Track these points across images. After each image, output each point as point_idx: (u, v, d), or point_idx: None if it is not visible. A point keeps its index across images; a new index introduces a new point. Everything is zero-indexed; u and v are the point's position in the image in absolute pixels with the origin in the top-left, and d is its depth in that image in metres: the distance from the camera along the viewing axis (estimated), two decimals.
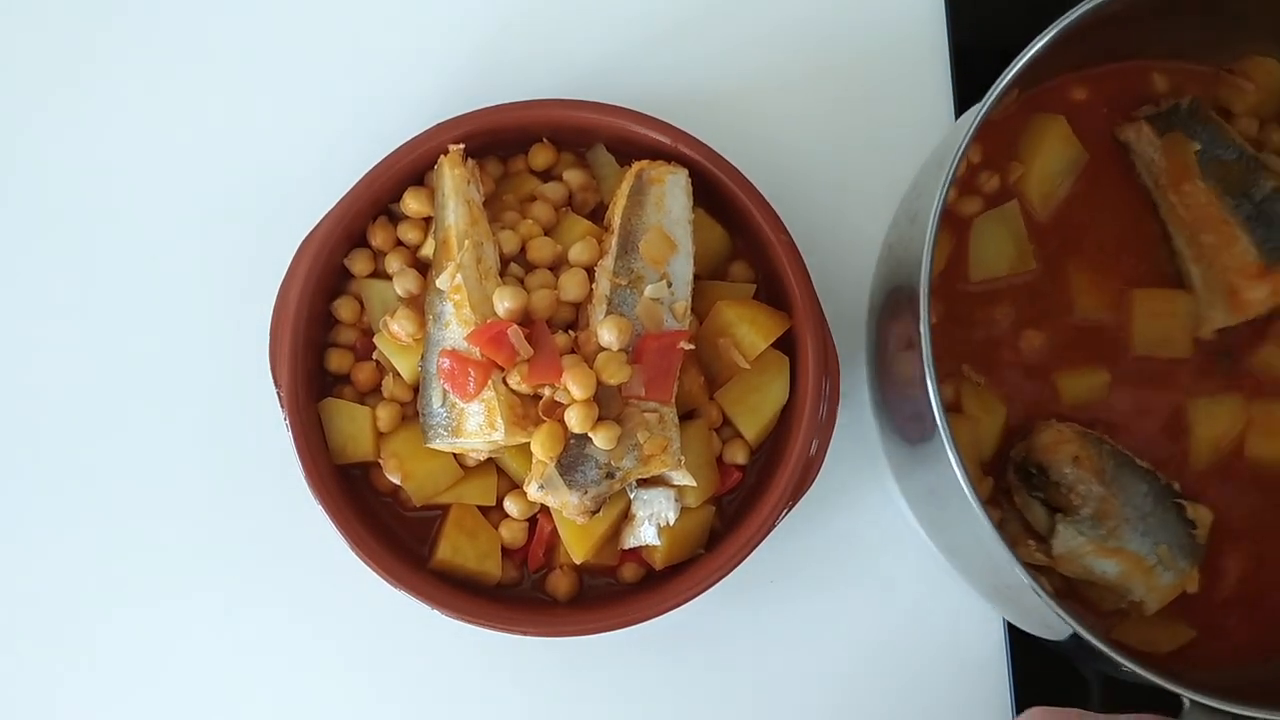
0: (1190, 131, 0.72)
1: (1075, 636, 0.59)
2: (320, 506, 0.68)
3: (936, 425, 0.58)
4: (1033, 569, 0.62)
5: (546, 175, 0.75)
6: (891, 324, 0.67)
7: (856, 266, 0.76)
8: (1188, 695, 0.59)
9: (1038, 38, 0.61)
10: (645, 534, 0.70)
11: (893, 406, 0.68)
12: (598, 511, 0.69)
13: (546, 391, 0.67)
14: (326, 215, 0.71)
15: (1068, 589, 0.71)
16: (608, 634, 0.69)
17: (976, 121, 0.61)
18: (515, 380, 0.67)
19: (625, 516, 0.71)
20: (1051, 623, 0.61)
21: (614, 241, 0.70)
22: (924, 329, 0.59)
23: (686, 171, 0.72)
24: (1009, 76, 0.61)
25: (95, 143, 0.79)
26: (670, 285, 0.70)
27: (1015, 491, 0.70)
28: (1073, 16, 0.61)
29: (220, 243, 0.78)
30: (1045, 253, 0.73)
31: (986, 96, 0.61)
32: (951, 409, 0.70)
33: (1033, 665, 0.75)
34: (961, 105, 0.79)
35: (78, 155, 0.79)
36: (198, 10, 0.80)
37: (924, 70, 0.80)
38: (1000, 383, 0.72)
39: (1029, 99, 0.74)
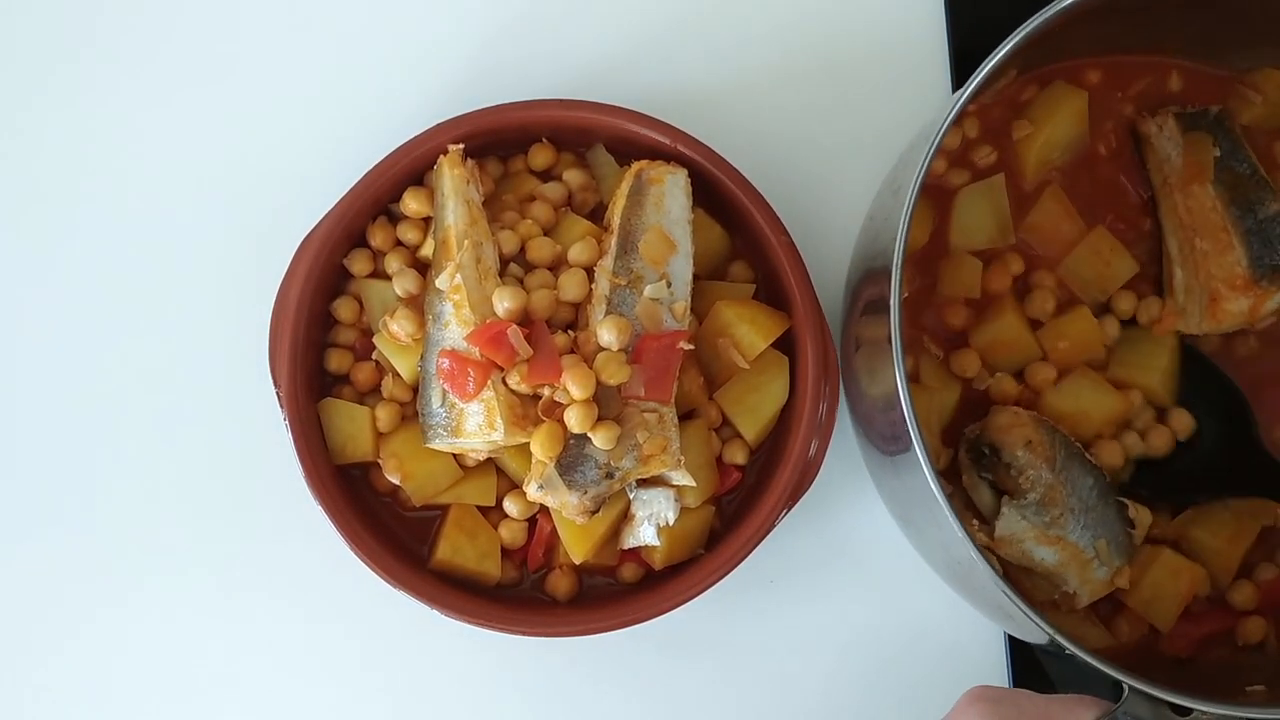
0: (1214, 137, 0.72)
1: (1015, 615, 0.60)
2: (320, 507, 0.68)
3: (900, 399, 0.59)
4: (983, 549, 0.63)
5: (546, 175, 0.75)
6: (863, 292, 0.67)
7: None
8: (1128, 681, 0.59)
9: (1034, 17, 0.61)
10: (645, 534, 0.70)
11: (860, 380, 0.69)
12: (597, 512, 0.69)
13: (546, 391, 0.67)
14: (326, 215, 0.71)
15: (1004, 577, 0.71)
16: (607, 634, 0.69)
17: (965, 96, 0.61)
18: (515, 380, 0.67)
19: (625, 517, 0.71)
20: (1001, 604, 0.61)
21: (613, 241, 0.70)
22: (894, 302, 0.59)
23: (686, 171, 0.71)
24: (1004, 51, 0.61)
25: (95, 143, 0.79)
26: (670, 285, 0.70)
27: (964, 470, 0.70)
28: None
29: (220, 243, 0.78)
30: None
31: (980, 69, 0.61)
32: (910, 378, 0.70)
33: (1034, 669, 0.75)
34: None
35: (78, 155, 0.79)
36: (197, 11, 0.80)
37: (923, 70, 0.80)
38: (956, 357, 0.72)
39: (1036, 77, 0.74)
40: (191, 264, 0.78)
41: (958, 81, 0.79)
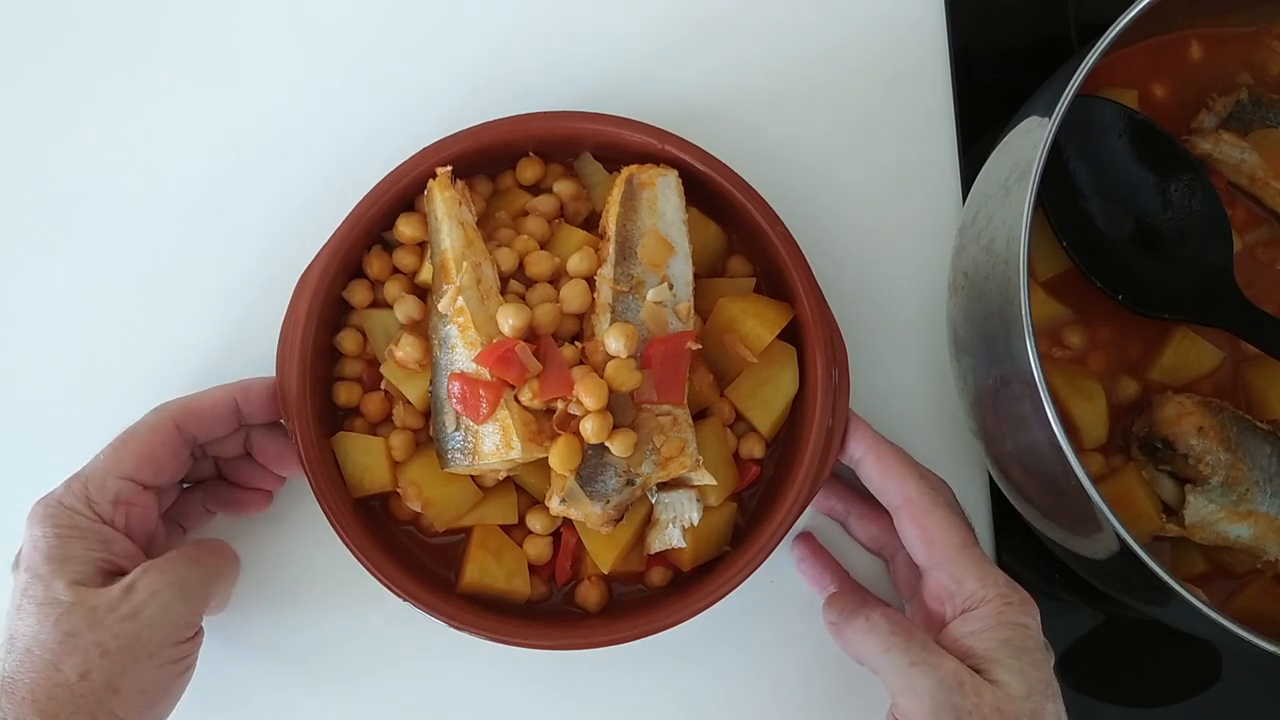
0: (1266, 121, 0.71)
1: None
2: (343, 542, 0.68)
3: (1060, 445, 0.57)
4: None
5: (536, 189, 0.74)
6: (993, 364, 0.65)
7: (859, 262, 0.77)
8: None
9: (1096, 45, 0.60)
10: (670, 537, 0.70)
11: (1003, 425, 0.66)
12: (621, 520, 0.69)
13: (559, 405, 0.67)
14: (321, 251, 0.70)
15: (1207, 561, 0.70)
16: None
17: (1044, 150, 0.59)
18: (527, 397, 0.67)
19: (649, 522, 0.71)
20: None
21: (611, 249, 0.70)
22: (1034, 362, 0.57)
23: (676, 172, 0.71)
24: (1071, 92, 0.59)
25: (89, 191, 0.79)
26: (671, 287, 0.70)
27: (1141, 467, 0.69)
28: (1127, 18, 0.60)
29: (216, 290, 0.77)
30: None
31: (1054, 115, 0.59)
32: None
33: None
34: (960, 109, 0.79)
35: (71, 200, 0.78)
36: (179, 59, 0.80)
37: (924, 71, 0.80)
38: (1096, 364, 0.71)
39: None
40: (191, 311, 0.77)
41: (958, 83, 0.79)
